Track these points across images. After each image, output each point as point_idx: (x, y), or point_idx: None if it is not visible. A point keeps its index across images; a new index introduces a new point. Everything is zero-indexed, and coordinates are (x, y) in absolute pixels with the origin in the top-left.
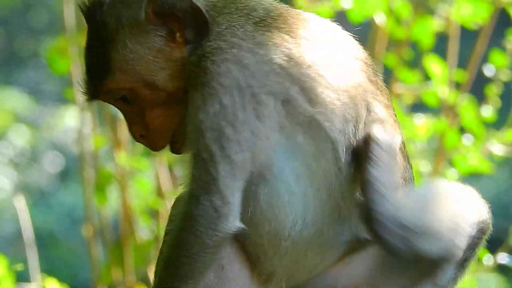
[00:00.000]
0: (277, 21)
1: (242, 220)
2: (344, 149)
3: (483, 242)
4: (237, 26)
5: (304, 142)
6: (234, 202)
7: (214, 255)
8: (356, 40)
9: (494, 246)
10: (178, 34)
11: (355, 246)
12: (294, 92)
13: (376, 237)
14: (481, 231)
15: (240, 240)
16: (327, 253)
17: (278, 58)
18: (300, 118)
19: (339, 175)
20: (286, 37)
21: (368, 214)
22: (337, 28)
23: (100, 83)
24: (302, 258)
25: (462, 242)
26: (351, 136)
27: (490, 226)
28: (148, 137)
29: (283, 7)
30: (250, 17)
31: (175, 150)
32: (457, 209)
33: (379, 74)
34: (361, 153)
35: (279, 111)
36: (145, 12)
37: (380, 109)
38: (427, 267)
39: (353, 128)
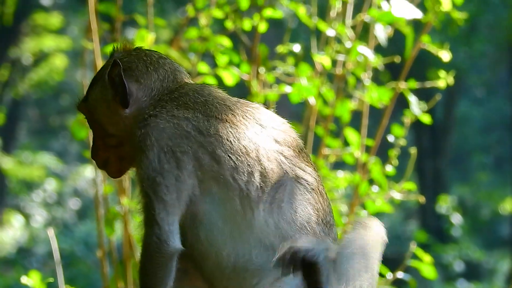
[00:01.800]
0: (198, 104)
1: (192, 249)
2: (257, 194)
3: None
4: (161, 104)
5: (218, 191)
6: (171, 230)
7: (167, 270)
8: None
9: (393, 265)
10: (116, 98)
11: None
12: (200, 153)
13: None
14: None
15: (195, 266)
16: (262, 276)
17: (187, 127)
18: (210, 173)
19: (257, 215)
20: (199, 115)
21: None
22: (265, 112)
23: (81, 102)
24: (242, 280)
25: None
26: (260, 183)
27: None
28: (106, 165)
29: (216, 96)
30: (175, 100)
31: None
32: (371, 275)
33: (303, 145)
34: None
35: (193, 165)
36: (107, 72)
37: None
38: None
39: (260, 178)
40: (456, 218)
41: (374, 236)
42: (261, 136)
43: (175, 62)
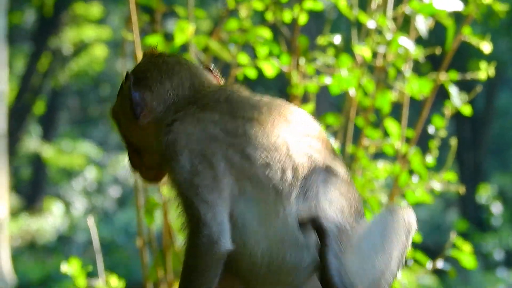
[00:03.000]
0: (222, 106)
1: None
2: (289, 189)
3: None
4: (184, 108)
5: (252, 190)
6: (221, 230)
7: (216, 270)
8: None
9: (433, 254)
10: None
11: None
12: (231, 154)
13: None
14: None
15: (231, 266)
16: (295, 275)
17: (214, 130)
18: (243, 172)
19: (290, 214)
20: (225, 116)
21: (322, 273)
22: (289, 107)
23: (110, 110)
24: (277, 280)
25: (390, 280)
26: (292, 179)
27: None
28: (141, 172)
29: (239, 96)
30: (197, 103)
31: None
32: (388, 257)
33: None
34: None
35: (225, 165)
36: (122, 84)
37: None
38: None
39: (292, 173)
40: (496, 208)
41: (399, 221)
42: (289, 132)
43: (195, 67)
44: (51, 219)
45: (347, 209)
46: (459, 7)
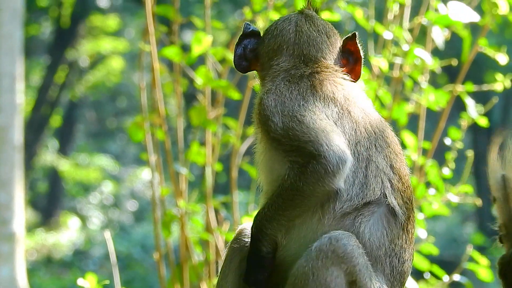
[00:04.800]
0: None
1: None
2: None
3: None
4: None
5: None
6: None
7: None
8: None
9: (449, 268)
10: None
11: None
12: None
13: None
14: None
15: None
16: None
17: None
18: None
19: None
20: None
21: None
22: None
23: None
24: None
25: None
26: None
27: None
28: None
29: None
30: (288, 75)
31: None
32: None
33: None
34: None
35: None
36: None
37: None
38: None
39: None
40: None
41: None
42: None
43: (315, 33)
44: (67, 233)
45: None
46: (476, 18)
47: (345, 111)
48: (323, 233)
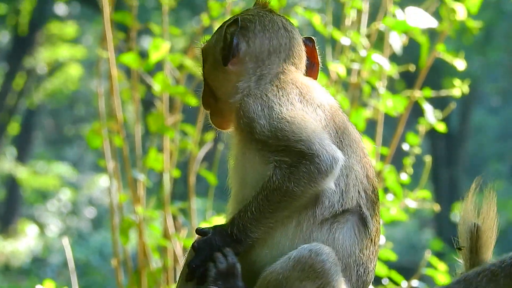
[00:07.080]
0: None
1: None
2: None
3: None
4: (265, 84)
5: None
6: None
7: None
8: None
9: (408, 273)
10: (222, 52)
11: None
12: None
13: None
14: None
15: None
16: None
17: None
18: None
19: None
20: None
21: None
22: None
23: (203, 44)
24: None
25: None
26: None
27: None
28: (210, 112)
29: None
30: (276, 84)
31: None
32: None
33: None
34: None
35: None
36: (225, 26)
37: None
38: None
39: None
40: None
41: None
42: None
43: (297, 37)
44: (25, 241)
45: None
46: (433, 24)
47: (329, 117)
48: (303, 239)
